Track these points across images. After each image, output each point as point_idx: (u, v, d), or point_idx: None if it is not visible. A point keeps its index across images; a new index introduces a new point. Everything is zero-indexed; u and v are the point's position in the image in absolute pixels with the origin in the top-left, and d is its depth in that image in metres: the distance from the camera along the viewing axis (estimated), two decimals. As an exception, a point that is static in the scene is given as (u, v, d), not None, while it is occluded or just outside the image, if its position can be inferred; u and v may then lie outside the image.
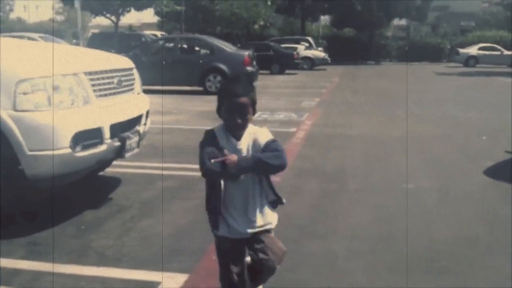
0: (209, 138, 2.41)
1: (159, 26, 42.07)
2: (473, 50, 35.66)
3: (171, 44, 16.40)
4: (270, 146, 2.41)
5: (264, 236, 2.49)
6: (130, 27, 42.68)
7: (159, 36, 27.88)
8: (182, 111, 11.08)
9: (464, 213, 4.58)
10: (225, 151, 2.35)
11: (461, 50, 36.06)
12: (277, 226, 2.59)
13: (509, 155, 4.27)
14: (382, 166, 6.34)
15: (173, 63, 14.99)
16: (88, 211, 4.42)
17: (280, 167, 2.39)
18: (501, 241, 3.89)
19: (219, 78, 14.86)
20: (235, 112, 2.37)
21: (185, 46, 16.58)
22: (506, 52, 35.38)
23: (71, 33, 40.33)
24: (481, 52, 35.19)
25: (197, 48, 16.26)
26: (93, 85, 4.19)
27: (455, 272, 3.36)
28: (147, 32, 33.56)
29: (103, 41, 24.08)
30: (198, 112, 10.96)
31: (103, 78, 4.37)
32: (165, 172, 5.80)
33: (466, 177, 5.85)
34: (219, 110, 2.44)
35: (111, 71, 4.54)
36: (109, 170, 5.53)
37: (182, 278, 3.18)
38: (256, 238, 2.48)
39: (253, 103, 2.43)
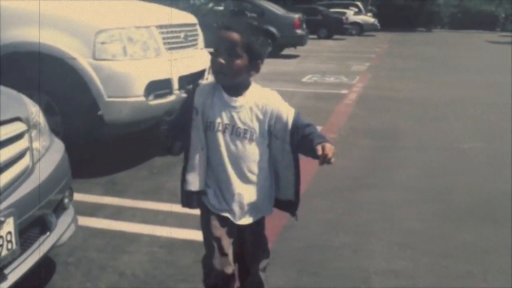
0: (187, 95, 1.95)
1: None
2: (529, 18, 34.28)
3: (221, 7, 16.51)
4: (303, 124, 1.85)
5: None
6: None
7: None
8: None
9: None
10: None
11: (517, 18, 34.73)
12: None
13: None
14: (433, 127, 6.42)
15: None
16: (158, 158, 4.72)
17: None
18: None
19: (268, 41, 14.93)
20: (219, 48, 1.81)
21: (235, 8, 16.65)
22: None
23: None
24: (538, 20, 33.79)
25: (246, 12, 16.31)
26: (163, 38, 4.45)
27: (503, 222, 3.51)
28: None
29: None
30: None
31: (172, 32, 4.62)
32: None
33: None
34: None
35: (178, 25, 4.79)
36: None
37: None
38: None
39: (249, 47, 1.80)
